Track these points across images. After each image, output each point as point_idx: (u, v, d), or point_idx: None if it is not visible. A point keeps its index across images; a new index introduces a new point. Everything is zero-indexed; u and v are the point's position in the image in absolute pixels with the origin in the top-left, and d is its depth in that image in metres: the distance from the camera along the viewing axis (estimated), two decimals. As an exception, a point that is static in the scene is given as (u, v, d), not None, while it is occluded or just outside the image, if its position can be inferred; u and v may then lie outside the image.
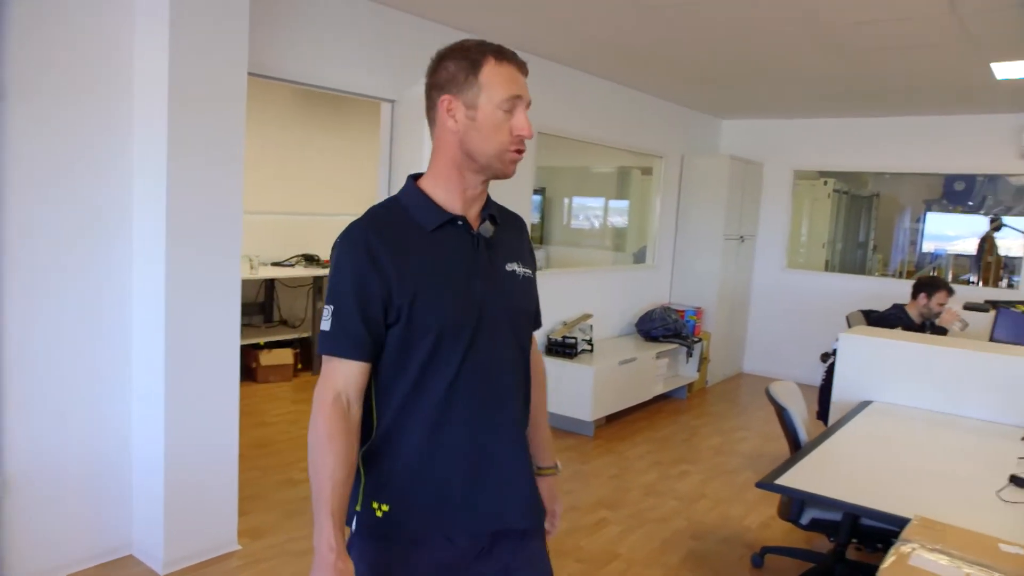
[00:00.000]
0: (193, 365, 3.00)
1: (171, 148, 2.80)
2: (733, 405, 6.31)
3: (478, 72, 1.35)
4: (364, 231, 1.35)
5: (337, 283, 1.34)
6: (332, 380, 1.33)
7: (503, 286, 1.44)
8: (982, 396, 3.35)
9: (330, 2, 3.71)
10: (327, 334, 1.34)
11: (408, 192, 1.44)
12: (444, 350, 1.35)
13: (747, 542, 3.63)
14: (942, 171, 6.78)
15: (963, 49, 4.16)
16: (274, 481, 4.02)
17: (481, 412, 1.40)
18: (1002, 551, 1.91)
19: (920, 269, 8.09)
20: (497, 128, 1.35)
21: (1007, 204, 7.05)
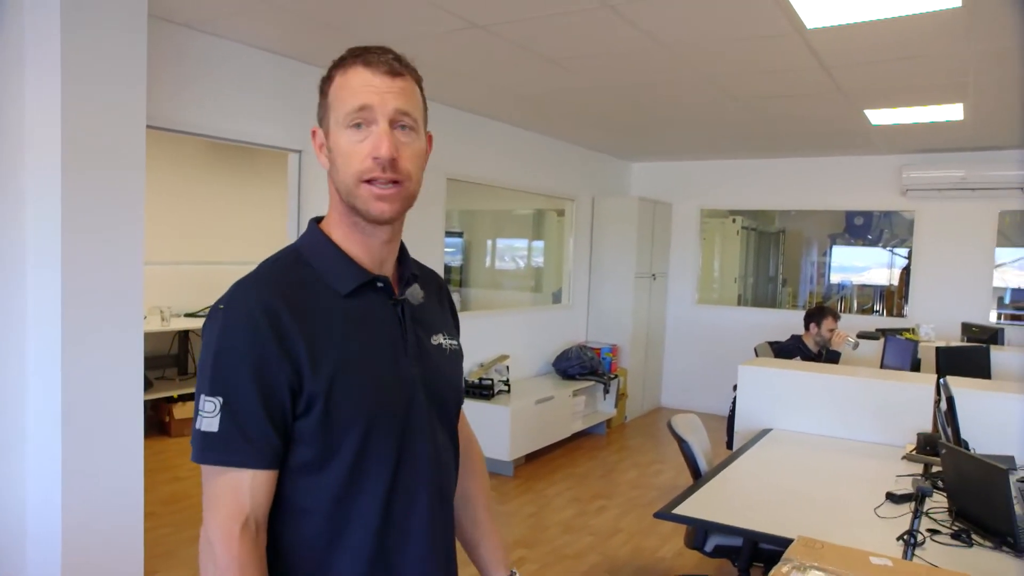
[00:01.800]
0: (92, 420, 2.91)
1: (65, 205, 2.75)
2: (650, 439, 6.46)
3: (328, 89, 1.12)
4: (263, 295, 1.04)
5: (225, 366, 1.01)
6: (234, 500, 1.00)
7: (432, 364, 1.18)
8: (868, 420, 3.56)
9: (233, 54, 3.75)
10: (214, 437, 1.00)
11: (313, 242, 1.14)
12: (373, 451, 1.08)
13: (660, 572, 3.73)
14: (839, 208, 7.21)
15: (837, 99, 4.50)
16: (187, 537, 3.91)
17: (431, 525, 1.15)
18: (872, 563, 2.04)
19: (827, 300, 8.50)
20: (347, 154, 1.07)
21: (901, 237, 7.52)
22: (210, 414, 1.01)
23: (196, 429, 1.01)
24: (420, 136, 1.12)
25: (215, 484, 1.01)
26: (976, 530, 2.38)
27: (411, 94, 1.10)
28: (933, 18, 3.09)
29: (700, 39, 3.47)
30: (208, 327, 1.05)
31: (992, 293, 6.34)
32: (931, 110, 4.71)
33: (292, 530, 1.07)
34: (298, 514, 1.07)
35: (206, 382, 1.02)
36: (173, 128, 3.50)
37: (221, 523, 1.00)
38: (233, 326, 1.03)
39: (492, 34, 3.47)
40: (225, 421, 1.00)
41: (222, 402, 1.00)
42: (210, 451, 1.01)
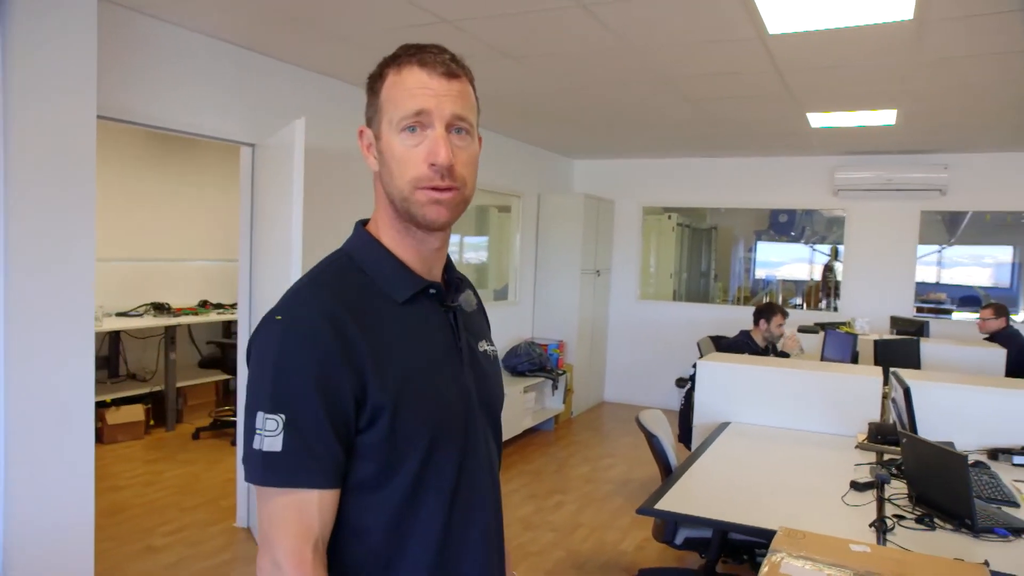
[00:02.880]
0: (38, 431, 2.75)
1: (9, 198, 2.59)
2: (598, 433, 6.56)
3: (379, 90, 1.07)
4: (324, 302, 1.00)
5: (288, 381, 0.95)
6: (302, 522, 0.95)
7: (483, 372, 1.16)
8: (821, 411, 3.72)
9: (186, 42, 3.60)
10: (278, 457, 0.94)
11: (363, 246, 1.09)
12: (436, 464, 1.04)
13: (624, 566, 3.79)
14: (770, 206, 7.47)
15: (785, 102, 4.66)
16: (132, 551, 3.73)
17: (488, 536, 1.13)
18: (852, 551, 2.14)
19: (755, 295, 8.79)
20: (401, 160, 1.03)
21: (821, 234, 7.85)
22: (272, 432, 0.94)
23: (255, 449, 0.95)
24: (474, 139, 1.09)
25: (279, 505, 0.95)
26: (936, 513, 2.51)
27: (467, 96, 1.06)
28: (885, 29, 3.24)
29: (667, 42, 3.53)
30: (262, 338, 1.00)
31: (915, 288, 6.71)
32: (867, 115, 4.94)
33: (350, 550, 1.02)
34: (357, 533, 1.02)
35: (265, 398, 0.96)
36: (123, 119, 3.33)
37: (292, 547, 0.94)
38: (295, 336, 0.97)
39: (459, 30, 3.44)
40: (290, 439, 0.94)
41: (285, 419, 0.95)
42: (275, 472, 0.95)
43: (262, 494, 0.96)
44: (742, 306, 7.84)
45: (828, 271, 7.49)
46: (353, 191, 4.64)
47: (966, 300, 6.82)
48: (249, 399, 0.98)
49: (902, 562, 2.07)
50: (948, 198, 6.42)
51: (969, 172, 6.35)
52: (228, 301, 6.85)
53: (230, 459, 5.23)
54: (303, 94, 4.31)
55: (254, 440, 0.95)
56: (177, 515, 4.23)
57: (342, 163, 4.57)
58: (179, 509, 4.32)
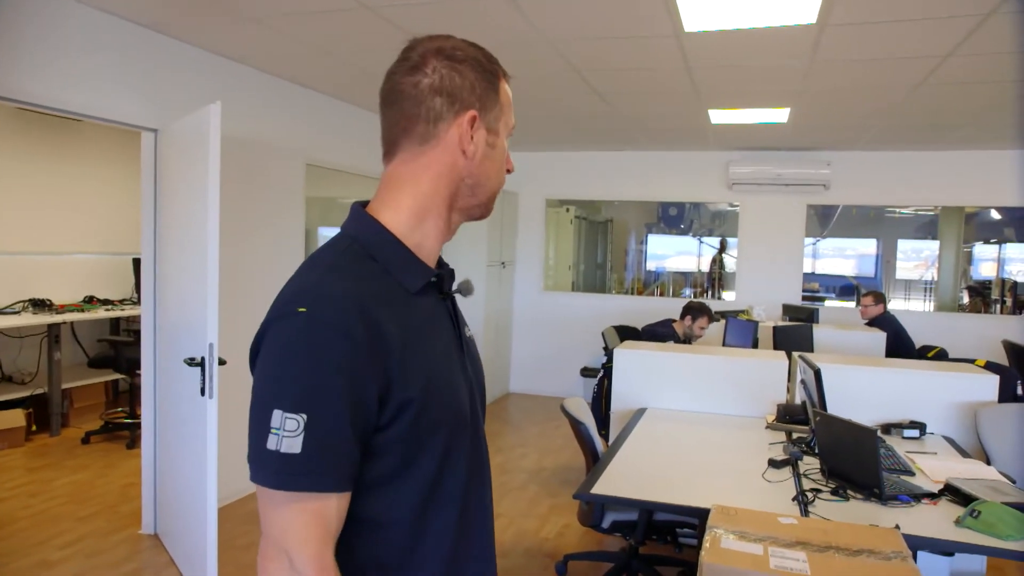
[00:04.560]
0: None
1: None
2: (506, 424, 6.61)
3: (498, 89, 1.09)
4: (349, 291, 0.94)
5: (313, 378, 0.89)
6: (322, 527, 0.91)
7: (473, 359, 1.17)
8: (732, 395, 3.90)
9: (80, 19, 3.33)
10: (298, 460, 0.89)
11: (372, 233, 1.03)
12: (454, 454, 1.03)
13: (547, 552, 3.84)
14: (670, 199, 7.75)
15: (691, 98, 4.85)
16: (23, 566, 3.45)
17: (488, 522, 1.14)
18: (781, 523, 2.27)
19: (647, 286, 9.11)
20: (503, 162, 1.12)
21: (708, 227, 8.23)
22: (292, 433, 0.88)
23: (269, 449, 0.89)
24: None
25: (296, 511, 0.90)
26: (849, 485, 2.70)
27: None
28: (789, 31, 3.42)
29: (584, 35, 3.59)
30: (282, 331, 0.92)
31: (803, 278, 7.15)
32: (763, 112, 5.22)
33: (369, 544, 0.99)
34: (376, 527, 0.99)
35: (285, 396, 0.89)
36: (8, 96, 3.05)
37: (315, 554, 0.90)
38: (323, 330, 0.90)
39: (381, 17, 3.37)
40: (310, 441, 0.89)
41: (307, 419, 0.88)
42: (293, 476, 0.89)
43: (274, 497, 0.90)
44: (637, 296, 8.12)
45: (715, 263, 7.87)
46: (266, 183, 4.47)
47: (843, 290, 7.36)
48: (263, 396, 0.92)
49: (826, 531, 2.22)
50: (830, 193, 6.88)
51: (848, 169, 6.82)
52: (117, 296, 6.42)
53: (127, 463, 4.93)
54: (212, 79, 4.09)
55: (268, 440, 0.89)
56: (72, 525, 3.94)
57: (254, 153, 4.38)
58: (74, 519, 4.03)
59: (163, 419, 3.82)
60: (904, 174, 6.73)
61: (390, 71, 1.06)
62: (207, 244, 3.02)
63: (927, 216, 7.14)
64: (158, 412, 3.89)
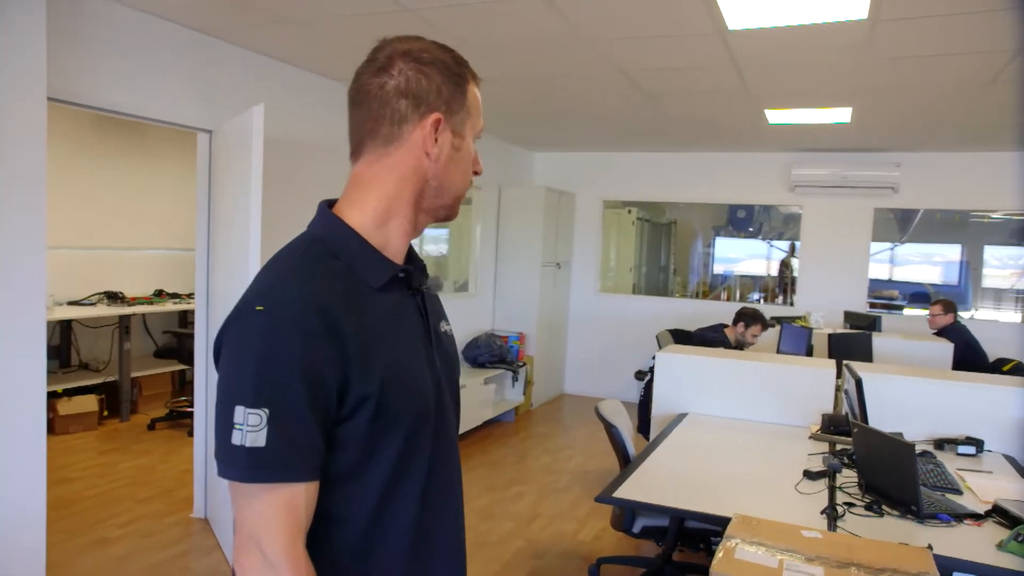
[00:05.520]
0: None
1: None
2: (558, 425, 6.60)
3: (465, 93, 1.09)
4: (308, 290, 0.97)
5: (273, 373, 0.92)
6: (292, 518, 0.93)
7: (446, 353, 1.18)
8: (776, 403, 3.79)
9: (141, 27, 3.51)
10: (264, 453, 0.91)
11: (336, 231, 1.06)
12: (415, 449, 1.05)
13: (583, 555, 3.82)
14: (728, 201, 7.58)
15: (743, 98, 4.73)
16: (82, 543, 3.65)
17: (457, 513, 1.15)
18: (804, 536, 2.20)
19: (713, 290, 8.93)
20: (469, 164, 1.12)
21: (779, 230, 8.00)
22: (255, 427, 0.91)
23: (234, 445, 0.91)
24: None
25: (266, 504, 0.92)
26: (885, 501, 2.59)
27: None
28: (840, 27, 3.30)
29: (624, 35, 3.55)
30: (242, 330, 0.95)
31: (868, 284, 6.88)
32: (823, 112, 5.04)
33: (329, 538, 1.01)
34: (336, 523, 1.01)
35: (246, 392, 0.92)
36: (74, 101, 3.24)
37: (287, 545, 0.92)
38: (279, 327, 0.93)
39: (421, 19, 3.42)
40: (274, 434, 0.91)
41: (269, 413, 0.91)
42: (260, 468, 0.91)
43: (244, 491, 0.93)
44: (701, 300, 7.96)
45: (785, 267, 7.64)
46: (312, 181, 4.59)
47: (916, 297, 7.02)
48: (225, 393, 0.94)
49: (851, 547, 2.13)
50: (900, 196, 6.59)
51: (920, 171, 6.52)
52: (184, 291, 6.72)
53: (186, 450, 5.14)
54: (263, 81, 4.24)
55: (233, 436, 0.91)
56: (131, 506, 4.15)
57: (301, 152, 4.51)
58: (133, 500, 4.24)
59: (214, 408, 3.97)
60: (984, 176, 6.37)
61: (358, 71, 1.08)
62: (249, 240, 3.13)
63: (1020, 221, 6.70)
64: (209, 401, 4.05)
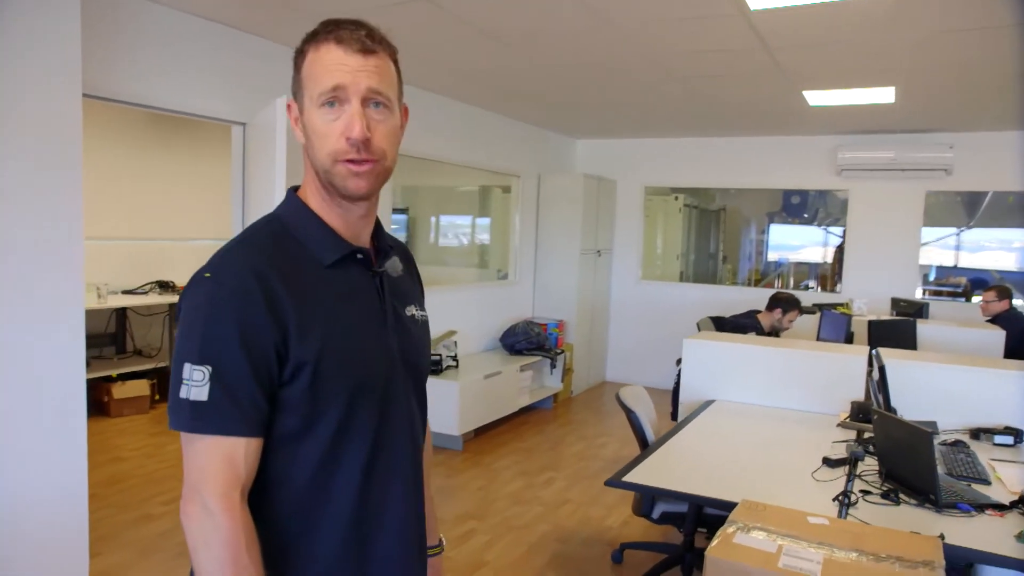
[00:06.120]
0: (31, 402, 2.83)
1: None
2: (596, 413, 6.59)
3: (301, 64, 1.10)
4: (252, 261, 1.04)
5: (215, 333, 0.99)
6: (230, 469, 0.99)
7: (408, 334, 1.22)
8: (806, 390, 3.72)
9: (174, 22, 3.64)
10: (205, 406, 0.98)
11: (294, 211, 1.14)
12: (356, 420, 1.09)
13: (608, 541, 3.83)
14: (776, 187, 7.42)
15: (778, 79, 4.62)
16: (128, 519, 3.84)
17: (406, 490, 1.18)
18: (809, 523, 2.16)
19: (765, 277, 8.75)
20: (323, 134, 1.07)
21: (835, 216, 7.78)
22: (199, 383, 0.98)
23: (181, 398, 0.99)
24: (394, 112, 1.12)
25: (206, 453, 0.99)
26: (903, 489, 2.53)
27: (385, 71, 1.10)
28: (870, 3, 3.20)
29: (644, 19, 3.52)
30: (192, 295, 1.03)
31: (919, 270, 6.64)
32: (865, 92, 4.89)
33: (272, 499, 1.07)
34: (278, 484, 1.07)
35: (193, 350, 0.99)
36: (111, 98, 3.38)
37: (223, 492, 0.98)
38: (223, 292, 1.01)
39: (439, 8, 3.45)
40: (216, 389, 0.98)
41: (212, 370, 0.99)
42: (201, 420, 0.99)
43: (189, 441, 1.00)
44: (752, 288, 7.82)
45: (841, 253, 7.43)
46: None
47: (978, 284, 6.73)
48: (177, 351, 1.02)
49: (858, 534, 2.09)
50: (954, 178, 6.34)
51: (975, 151, 6.25)
52: (232, 280, 6.94)
53: (230, 434, 5.33)
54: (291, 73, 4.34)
55: (181, 390, 0.99)
56: (175, 485, 4.34)
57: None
58: (177, 480, 4.43)
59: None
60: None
61: None
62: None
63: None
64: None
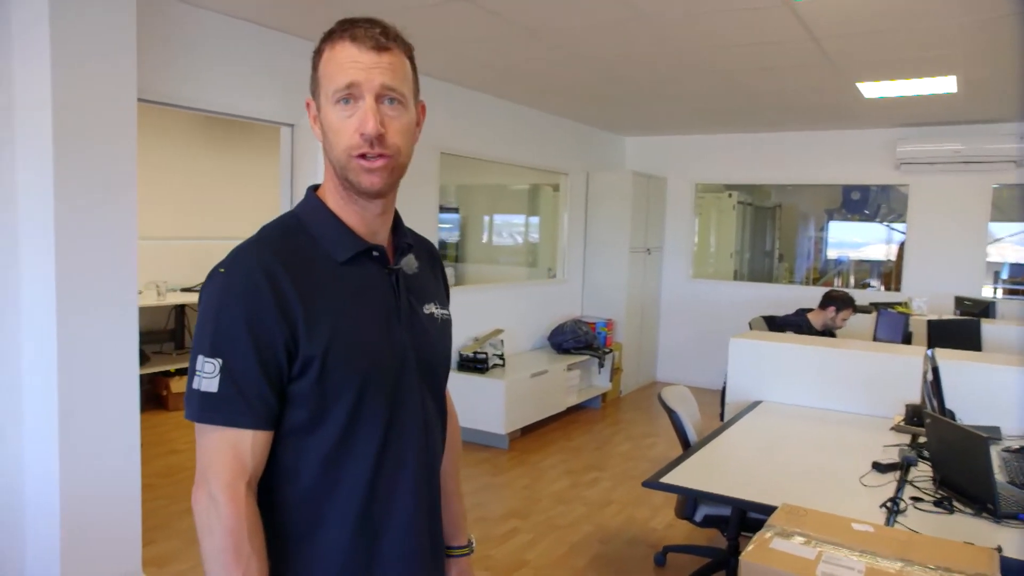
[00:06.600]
0: (89, 395, 2.94)
1: (58, 179, 2.76)
2: (644, 413, 6.51)
3: (318, 63, 1.13)
4: (263, 258, 1.07)
5: (225, 328, 1.03)
6: (236, 460, 1.02)
7: (424, 332, 1.22)
8: (858, 392, 3.59)
9: (223, 26, 3.73)
10: (215, 397, 1.02)
11: (311, 209, 1.17)
12: (365, 414, 1.10)
13: (651, 543, 3.78)
14: (832, 182, 7.20)
15: (828, 71, 4.48)
16: (181, 509, 3.96)
17: (417, 487, 1.18)
18: (854, 529, 2.08)
19: (824, 275, 8.50)
20: (336, 129, 1.09)
21: (898, 212, 7.52)
22: (210, 375, 1.02)
23: (194, 389, 1.03)
24: (409, 109, 1.13)
25: (215, 444, 1.03)
26: (958, 497, 2.41)
27: (399, 68, 1.11)
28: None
29: (682, 12, 3.45)
30: (207, 289, 1.07)
31: (986, 267, 6.36)
32: (924, 83, 4.70)
33: (282, 491, 1.10)
34: (289, 475, 1.09)
35: (206, 343, 1.03)
36: (164, 101, 3.48)
37: (228, 482, 1.02)
38: (234, 288, 1.04)
39: (479, 7, 3.45)
40: (225, 382, 1.02)
41: (222, 363, 1.02)
42: (211, 411, 1.02)
43: (200, 431, 1.04)
44: (810, 287, 7.61)
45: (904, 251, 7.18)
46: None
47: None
48: (194, 343, 1.06)
49: (906, 543, 2.00)
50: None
51: (1046, 143, 5.95)
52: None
53: (281, 429, 5.45)
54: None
55: (194, 381, 1.03)
56: (226, 480, 4.45)
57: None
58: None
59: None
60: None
61: None
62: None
63: None
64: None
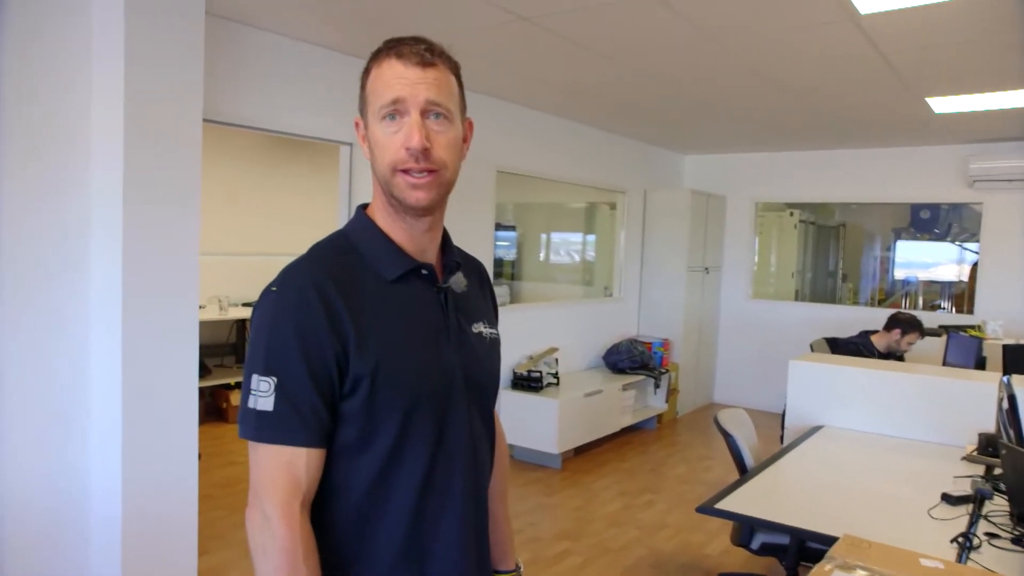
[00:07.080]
0: (150, 406, 3.02)
1: (127, 196, 2.86)
2: (701, 435, 6.37)
3: (366, 81, 1.14)
4: (312, 276, 1.07)
5: (278, 346, 1.03)
6: (291, 479, 1.02)
7: (472, 351, 1.21)
8: (926, 419, 3.44)
9: (284, 49, 3.84)
10: (270, 416, 1.02)
11: (360, 228, 1.18)
12: (413, 433, 1.10)
13: (706, 569, 3.68)
14: (900, 200, 6.96)
15: (896, 87, 4.34)
16: (237, 520, 4.03)
17: (464, 509, 1.17)
18: (922, 565, 1.97)
19: (891, 296, 8.20)
20: (382, 145, 1.09)
21: (971, 231, 7.22)
22: (265, 393, 1.02)
23: (249, 408, 1.03)
24: (455, 124, 1.13)
25: (270, 462, 1.03)
26: (1037, 534, 2.28)
27: (444, 84, 1.11)
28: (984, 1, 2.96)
29: (745, 28, 3.39)
30: (260, 308, 1.07)
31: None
32: (997, 96, 4.51)
33: (331, 509, 1.09)
34: (338, 494, 1.09)
35: (259, 362, 1.03)
36: (228, 121, 3.59)
37: (282, 501, 1.01)
38: (286, 306, 1.05)
39: (538, 26, 3.46)
40: (280, 400, 1.02)
41: (276, 381, 1.02)
42: (266, 430, 1.02)
43: (254, 450, 1.04)
44: (875, 308, 7.35)
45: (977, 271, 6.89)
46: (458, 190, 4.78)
47: None
48: (247, 362, 1.07)
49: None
50: (1108, 188, 5.74)
51: None
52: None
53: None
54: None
55: (249, 400, 1.03)
56: (282, 492, 4.52)
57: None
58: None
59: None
60: None
61: None
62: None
63: None
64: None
